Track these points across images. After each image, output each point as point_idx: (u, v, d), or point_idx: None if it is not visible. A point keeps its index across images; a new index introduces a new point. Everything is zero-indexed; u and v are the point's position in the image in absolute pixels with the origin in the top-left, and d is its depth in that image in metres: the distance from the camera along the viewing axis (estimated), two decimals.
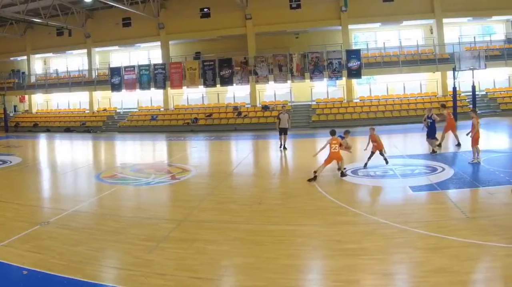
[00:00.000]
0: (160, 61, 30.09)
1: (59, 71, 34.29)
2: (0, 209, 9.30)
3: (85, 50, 32.42)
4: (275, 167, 14.94)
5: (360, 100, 27.41)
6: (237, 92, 29.70)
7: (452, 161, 12.85)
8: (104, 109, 32.21)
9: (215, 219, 8.30)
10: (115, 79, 29.92)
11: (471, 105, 22.78)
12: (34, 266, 6.02)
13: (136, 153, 20.90)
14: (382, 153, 12.03)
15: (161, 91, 30.19)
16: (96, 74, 32.41)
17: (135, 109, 31.51)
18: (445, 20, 26.71)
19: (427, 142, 14.04)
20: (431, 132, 13.70)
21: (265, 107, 27.51)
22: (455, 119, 18.04)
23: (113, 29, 30.96)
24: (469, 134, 12.08)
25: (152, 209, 9.36)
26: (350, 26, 27.64)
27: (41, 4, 26.74)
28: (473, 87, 22.52)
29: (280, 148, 16.78)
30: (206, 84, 28.32)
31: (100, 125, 30.13)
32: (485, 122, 19.68)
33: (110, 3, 26.47)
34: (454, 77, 23.20)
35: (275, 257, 6.21)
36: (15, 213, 8.98)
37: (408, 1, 26.39)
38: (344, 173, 11.15)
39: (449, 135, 15.20)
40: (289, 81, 27.56)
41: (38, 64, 35.92)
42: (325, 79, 27.18)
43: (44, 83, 33.07)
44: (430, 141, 13.81)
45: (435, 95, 26.72)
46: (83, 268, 5.95)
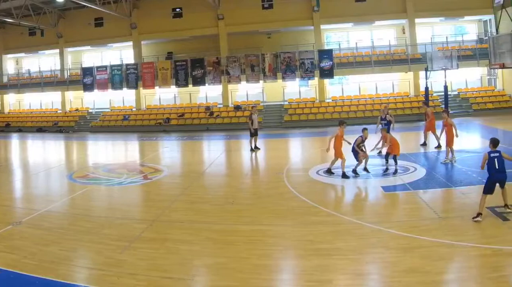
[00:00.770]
0: (132, 61, 29.74)
1: (32, 71, 33.93)
2: None
3: (58, 50, 31.99)
4: (247, 167, 14.94)
5: (333, 100, 27.26)
6: (210, 92, 29.46)
7: (425, 161, 12.87)
8: (77, 109, 31.81)
9: (187, 219, 8.34)
10: (87, 79, 29.51)
11: (443, 106, 22.66)
12: (6, 266, 6.10)
13: (108, 153, 20.81)
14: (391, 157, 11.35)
15: (133, 91, 29.86)
16: (69, 74, 31.97)
17: (107, 110, 31.13)
18: (418, 20, 26.68)
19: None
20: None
21: (237, 107, 27.24)
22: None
23: (86, 29, 30.56)
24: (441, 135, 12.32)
25: (124, 209, 9.41)
26: (322, 26, 27.50)
27: (13, 4, 26.28)
28: (445, 87, 22.40)
29: (252, 150, 16.57)
30: (178, 84, 28.01)
31: (73, 125, 29.83)
32: (458, 122, 19.49)
33: (83, 3, 26.21)
34: (426, 77, 23.09)
35: (247, 257, 6.27)
36: None
37: (381, 1, 26.32)
38: (346, 173, 10.87)
39: (431, 135, 15.07)
40: (261, 81, 27.33)
41: (10, 64, 35.42)
42: (297, 79, 27.00)
43: (16, 83, 32.55)
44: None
45: (408, 95, 26.66)
46: (55, 268, 6.01)
